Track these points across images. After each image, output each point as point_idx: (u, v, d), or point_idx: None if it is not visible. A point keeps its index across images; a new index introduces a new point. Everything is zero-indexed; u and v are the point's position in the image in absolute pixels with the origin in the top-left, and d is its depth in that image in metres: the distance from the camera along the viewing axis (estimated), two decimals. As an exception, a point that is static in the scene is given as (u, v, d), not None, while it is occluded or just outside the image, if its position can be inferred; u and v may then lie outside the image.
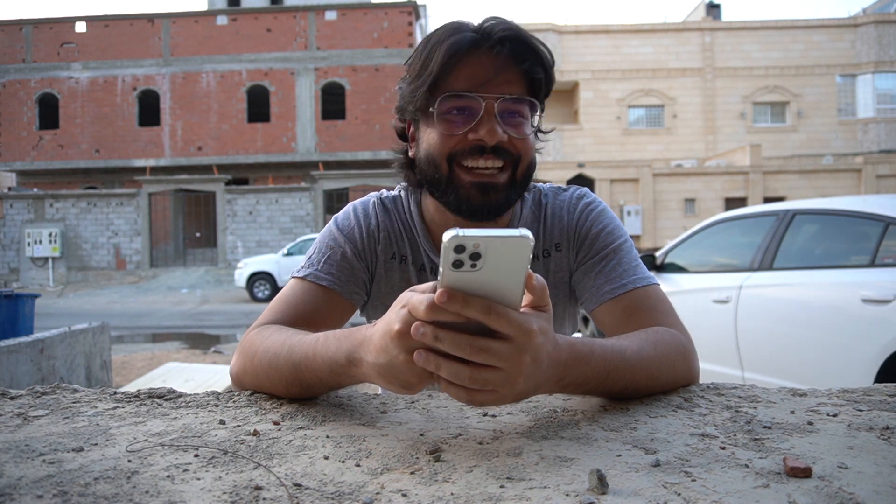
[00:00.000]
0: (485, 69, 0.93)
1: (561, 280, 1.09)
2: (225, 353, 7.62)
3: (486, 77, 0.93)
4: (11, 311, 4.63)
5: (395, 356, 0.63)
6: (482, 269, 0.57)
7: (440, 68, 0.93)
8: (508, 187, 0.97)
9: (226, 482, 0.57)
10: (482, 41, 0.94)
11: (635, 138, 25.21)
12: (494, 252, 0.57)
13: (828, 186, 19.78)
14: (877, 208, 3.53)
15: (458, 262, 0.57)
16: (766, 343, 3.83)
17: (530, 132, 0.98)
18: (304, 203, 19.62)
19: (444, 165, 0.97)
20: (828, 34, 25.18)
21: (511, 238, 0.56)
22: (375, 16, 23.12)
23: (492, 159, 0.95)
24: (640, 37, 25.43)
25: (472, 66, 0.94)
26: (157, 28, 23.58)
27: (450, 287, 0.59)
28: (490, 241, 0.56)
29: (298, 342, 0.82)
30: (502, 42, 0.93)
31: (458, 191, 0.97)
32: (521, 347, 0.61)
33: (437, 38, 0.96)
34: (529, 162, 0.99)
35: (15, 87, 23.57)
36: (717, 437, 0.68)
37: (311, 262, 1.05)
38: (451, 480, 0.57)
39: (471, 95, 0.93)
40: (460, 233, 0.56)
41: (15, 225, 19.92)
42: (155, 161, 23.19)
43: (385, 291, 1.10)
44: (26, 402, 0.84)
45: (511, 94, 0.94)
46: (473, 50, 0.94)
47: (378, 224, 1.09)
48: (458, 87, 0.94)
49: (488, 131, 0.93)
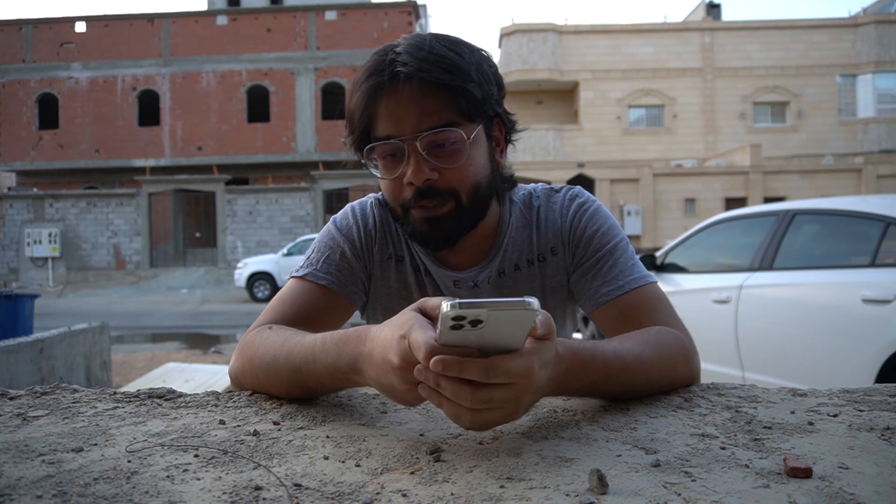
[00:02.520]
0: (399, 109, 0.91)
1: (558, 283, 1.09)
2: (225, 353, 7.62)
3: (402, 115, 0.91)
4: (11, 312, 4.63)
5: (393, 383, 0.65)
6: (483, 329, 0.57)
7: (366, 122, 0.93)
8: (456, 216, 0.96)
9: (226, 482, 0.57)
10: (391, 81, 0.90)
11: (635, 138, 25.19)
12: (496, 319, 0.56)
13: (828, 186, 19.77)
14: (877, 208, 3.53)
15: (458, 326, 0.56)
16: (766, 343, 3.83)
17: (466, 154, 0.93)
18: (304, 203, 19.62)
19: (398, 209, 0.99)
20: (828, 34, 25.17)
21: (513, 310, 0.56)
22: (375, 16, 23.12)
23: (430, 203, 0.95)
24: (640, 37, 25.41)
25: (389, 106, 0.92)
26: (157, 28, 23.58)
27: (448, 340, 0.58)
28: (493, 312, 0.55)
29: (297, 345, 0.82)
30: (409, 77, 0.89)
31: (413, 225, 0.98)
32: (523, 388, 0.62)
33: (355, 87, 0.95)
34: (473, 185, 0.96)
35: (15, 87, 23.57)
36: (718, 437, 0.68)
37: (309, 261, 1.05)
38: (451, 480, 0.57)
39: (391, 141, 0.92)
40: (459, 303, 0.55)
41: (15, 225, 19.92)
42: (155, 161, 23.18)
43: (383, 292, 1.10)
44: (26, 402, 0.84)
45: (433, 125, 0.91)
46: (388, 92, 0.91)
47: (375, 224, 1.09)
48: (381, 134, 0.93)
49: (413, 172, 0.92)
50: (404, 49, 0.91)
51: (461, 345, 0.59)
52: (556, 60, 24.98)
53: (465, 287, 1.07)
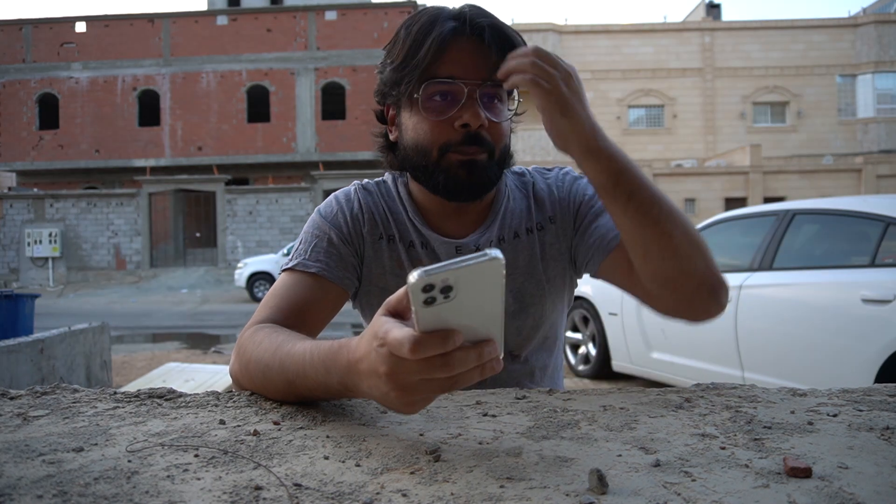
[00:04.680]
0: (466, 56, 0.97)
1: (558, 252, 1.11)
2: (225, 353, 7.62)
3: (467, 63, 0.97)
4: (11, 311, 4.63)
5: (387, 393, 0.62)
6: (456, 297, 0.55)
7: (431, 59, 0.96)
8: (489, 165, 1.01)
9: (226, 482, 0.57)
10: (462, 28, 0.97)
11: (635, 138, 25.20)
12: (465, 281, 0.55)
13: (828, 186, 19.78)
14: (877, 208, 3.53)
15: (430, 300, 0.55)
16: (766, 343, 3.83)
17: (508, 116, 1.02)
18: (304, 203, 19.63)
19: (434, 153, 0.99)
20: (828, 34, 25.18)
21: (480, 264, 0.54)
22: (375, 16, 23.12)
23: (472, 149, 0.99)
24: (640, 37, 25.42)
25: (453, 53, 0.97)
26: (157, 28, 23.58)
27: (426, 328, 0.57)
28: (459, 272, 0.54)
29: (287, 355, 0.80)
30: (481, 29, 0.97)
31: (448, 172, 0.99)
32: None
33: (419, 27, 0.99)
34: (504, 144, 1.03)
35: (15, 87, 23.57)
36: (717, 437, 0.68)
37: (297, 253, 1.06)
38: (451, 480, 0.57)
39: (454, 81, 0.96)
40: (425, 273, 0.53)
41: (15, 225, 19.93)
42: (155, 161, 23.19)
43: (377, 273, 1.10)
44: (26, 402, 0.84)
45: (494, 79, 0.96)
46: (456, 37, 0.97)
47: (361, 206, 1.10)
48: (441, 73, 0.97)
49: (472, 115, 0.96)
50: (471, 7, 1.00)
51: (441, 327, 0.57)
52: (556, 60, 24.96)
53: (467, 252, 1.07)
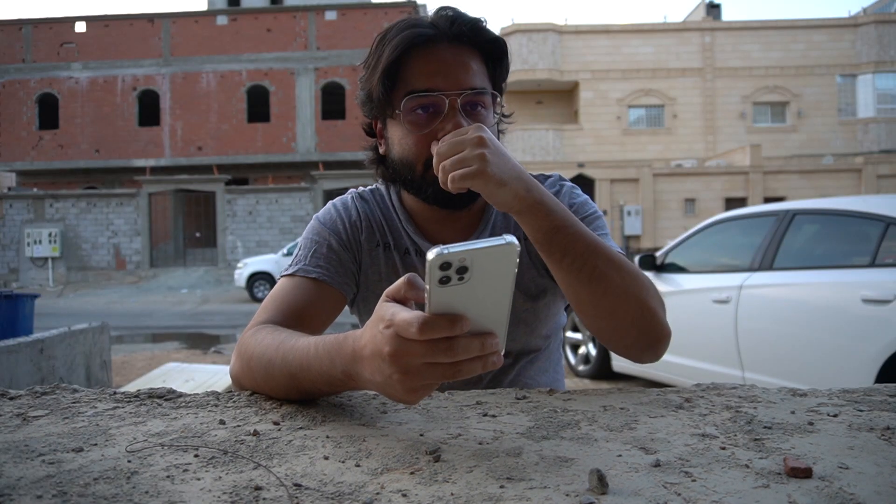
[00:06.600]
0: (444, 64, 0.95)
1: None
2: (225, 353, 7.62)
3: (446, 73, 0.95)
4: (11, 311, 4.63)
5: (389, 375, 0.63)
6: (470, 280, 0.57)
7: (392, 62, 0.94)
8: None
9: (226, 482, 0.57)
10: (438, 35, 0.95)
11: (635, 138, 25.19)
12: (481, 263, 0.56)
13: (828, 186, 19.77)
14: (877, 208, 3.53)
15: (446, 279, 0.56)
16: (766, 343, 3.83)
17: (493, 122, 1.01)
18: (304, 203, 19.63)
19: (419, 168, 0.99)
20: (828, 34, 25.16)
21: (497, 247, 0.56)
22: (375, 16, 23.12)
23: None
24: (640, 37, 25.40)
25: (430, 62, 0.95)
26: (157, 28, 23.57)
27: (437, 309, 0.58)
28: (476, 253, 0.55)
29: (291, 350, 0.81)
30: (459, 35, 0.95)
31: (435, 184, 0.98)
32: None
33: (390, 35, 0.97)
34: None
35: (15, 87, 23.56)
36: (717, 437, 0.68)
37: (297, 258, 1.06)
38: (451, 480, 0.57)
39: (433, 94, 0.95)
40: (445, 250, 0.55)
41: (15, 225, 19.92)
42: (155, 161, 23.19)
43: (374, 280, 1.11)
44: (26, 402, 0.84)
45: (471, 86, 0.95)
46: (431, 45, 0.95)
47: (359, 214, 1.11)
48: (420, 86, 0.95)
49: (454, 126, 0.94)
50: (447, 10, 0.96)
51: (450, 311, 0.58)
52: (556, 60, 24.97)
53: None
